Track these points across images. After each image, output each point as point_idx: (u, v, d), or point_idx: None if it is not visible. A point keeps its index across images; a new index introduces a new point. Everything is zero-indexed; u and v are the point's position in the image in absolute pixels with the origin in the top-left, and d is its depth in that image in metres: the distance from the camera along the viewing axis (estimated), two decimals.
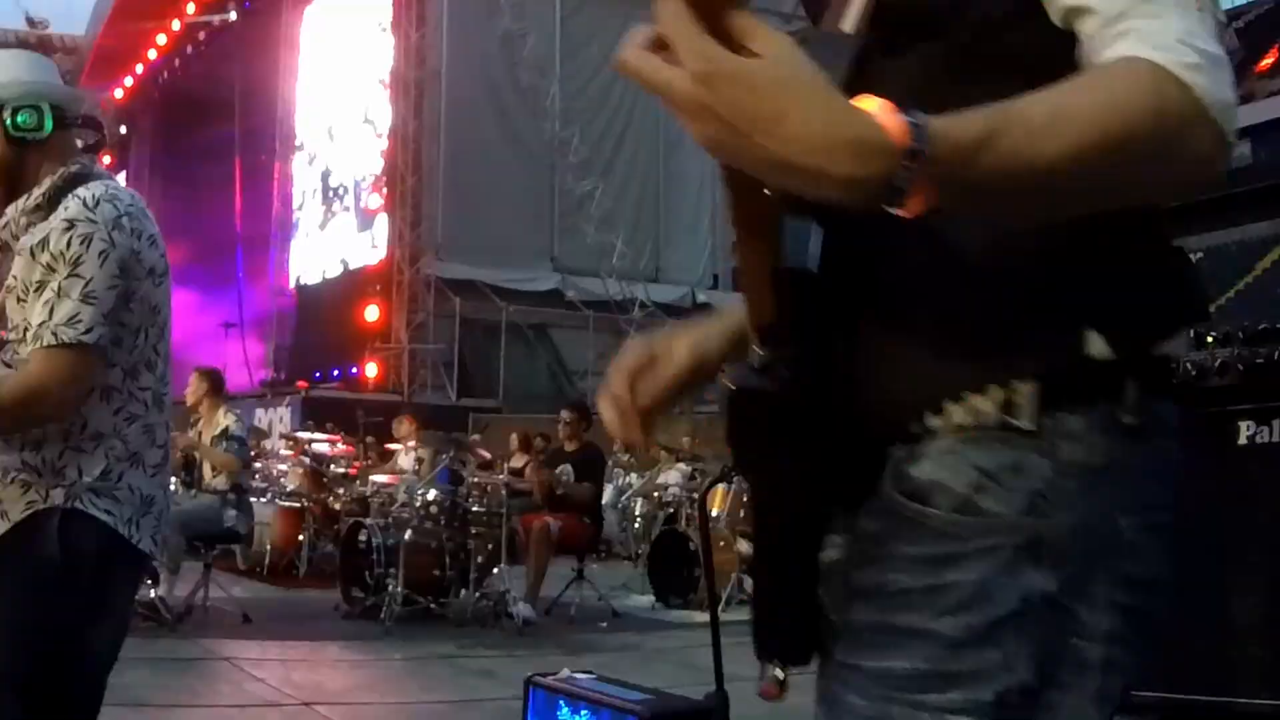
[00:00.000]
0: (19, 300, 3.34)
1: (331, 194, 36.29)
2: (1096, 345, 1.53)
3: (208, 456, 11.28)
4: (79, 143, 3.70)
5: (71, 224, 3.30)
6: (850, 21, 1.59)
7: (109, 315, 3.27)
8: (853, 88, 1.50)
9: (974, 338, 1.56)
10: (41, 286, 3.29)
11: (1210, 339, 3.88)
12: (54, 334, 3.21)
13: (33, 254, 3.32)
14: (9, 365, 3.34)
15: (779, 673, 1.80)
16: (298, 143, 38.50)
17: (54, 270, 3.27)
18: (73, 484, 3.27)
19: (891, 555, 1.58)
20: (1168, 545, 1.62)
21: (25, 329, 3.30)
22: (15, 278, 3.39)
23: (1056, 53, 1.50)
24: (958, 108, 1.35)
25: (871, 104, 1.29)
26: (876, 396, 1.60)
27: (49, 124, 3.49)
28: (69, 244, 3.27)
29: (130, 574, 3.48)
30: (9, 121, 3.46)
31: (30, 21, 67.23)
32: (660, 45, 1.31)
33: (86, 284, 3.25)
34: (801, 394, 1.55)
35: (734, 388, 1.57)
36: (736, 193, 1.49)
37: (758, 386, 1.55)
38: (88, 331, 3.22)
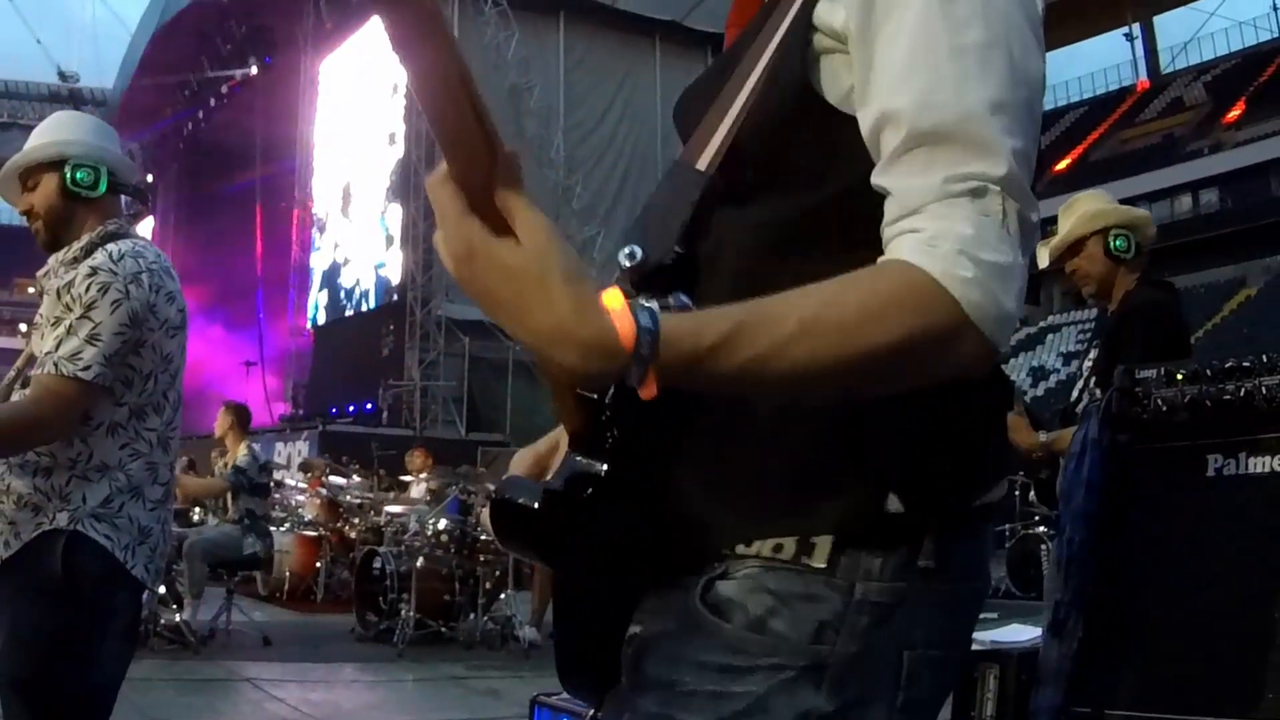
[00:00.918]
0: (42, 336, 3.47)
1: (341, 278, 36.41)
2: (894, 504, 1.55)
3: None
4: (124, 208, 3.83)
5: (94, 271, 3.42)
6: (705, 160, 1.60)
7: (111, 358, 3.36)
8: (696, 225, 1.55)
9: (781, 489, 1.58)
10: (58, 323, 3.39)
11: (1180, 376, 3.90)
12: (55, 365, 3.31)
13: (58, 295, 3.44)
14: None
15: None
16: (315, 212, 38.63)
17: (70, 310, 3.38)
18: (76, 508, 3.35)
19: (684, 658, 1.59)
20: (945, 676, 1.66)
21: None
22: (42, 316, 3.52)
23: None
24: (794, 271, 1.37)
25: (615, 300, 1.30)
26: (688, 522, 1.61)
27: (103, 185, 3.63)
28: (87, 289, 3.39)
29: (127, 597, 3.49)
30: (68, 175, 3.60)
31: (62, 75, 67.55)
32: None
33: (95, 327, 3.35)
34: (587, 509, 1.54)
35: (494, 496, 1.58)
36: None
37: (510, 499, 1.56)
38: (86, 369, 3.31)
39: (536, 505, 1.52)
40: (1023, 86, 1.46)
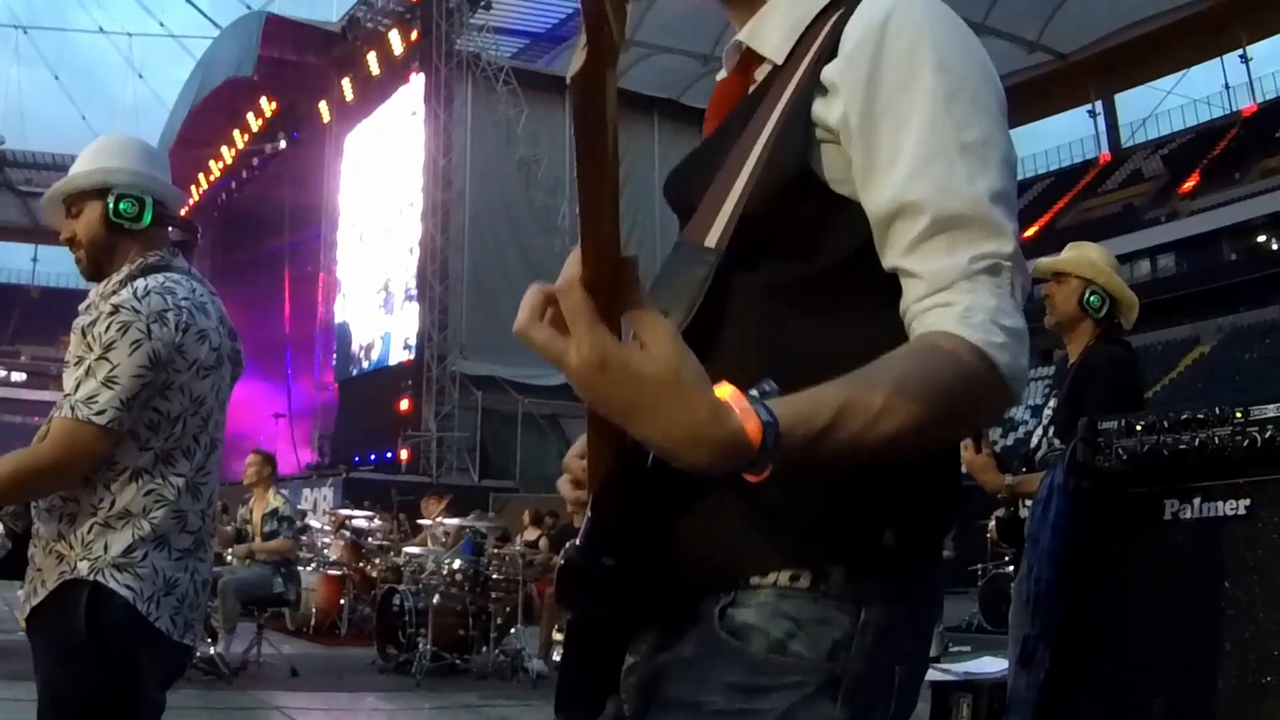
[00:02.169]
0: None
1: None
2: (889, 538, 1.64)
3: (263, 551, 11.32)
4: (171, 239, 3.51)
5: (116, 310, 3.13)
6: (714, 236, 1.64)
7: (129, 401, 3.07)
8: (708, 297, 1.61)
9: (800, 528, 1.64)
10: (80, 363, 3.12)
11: (1139, 427, 3.93)
12: (71, 408, 3.06)
13: (83, 332, 3.15)
14: None
15: None
16: (339, 275, 38.64)
17: (90, 350, 3.11)
18: (97, 558, 3.08)
19: (708, 679, 1.64)
20: (917, 688, 1.76)
21: None
22: (70, 353, 3.21)
23: (894, 291, 1.59)
24: (798, 329, 1.56)
25: (725, 392, 1.31)
26: (708, 559, 1.66)
27: (148, 217, 3.34)
28: (108, 328, 3.11)
29: (155, 649, 3.16)
30: (111, 206, 3.31)
31: None
32: (551, 303, 1.35)
33: (112, 369, 3.07)
34: (618, 567, 1.59)
35: (563, 562, 1.60)
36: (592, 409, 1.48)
37: (581, 566, 1.59)
38: (100, 413, 3.04)
39: (612, 568, 1.59)
40: (1012, 175, 1.60)
